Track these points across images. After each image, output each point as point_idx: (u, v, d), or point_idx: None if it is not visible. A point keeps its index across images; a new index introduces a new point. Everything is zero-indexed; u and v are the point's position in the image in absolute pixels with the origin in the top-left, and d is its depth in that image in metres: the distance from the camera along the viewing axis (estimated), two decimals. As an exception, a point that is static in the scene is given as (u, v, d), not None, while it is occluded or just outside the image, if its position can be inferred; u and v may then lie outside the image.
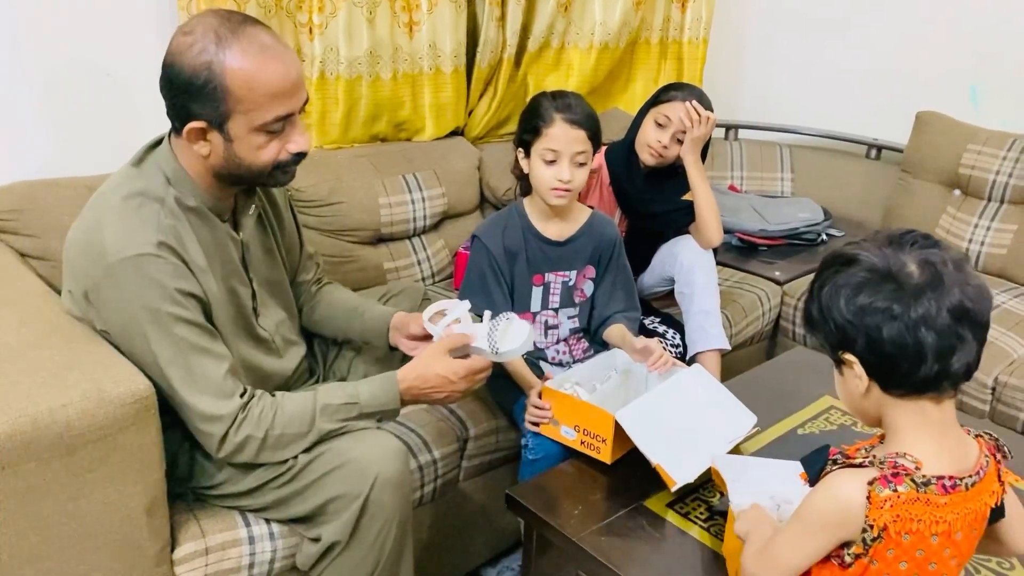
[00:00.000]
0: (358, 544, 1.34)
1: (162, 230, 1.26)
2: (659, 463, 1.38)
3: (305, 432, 1.33)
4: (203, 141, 1.28)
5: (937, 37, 2.86)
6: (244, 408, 1.29)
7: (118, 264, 1.22)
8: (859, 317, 0.91)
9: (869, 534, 0.91)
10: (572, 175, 1.64)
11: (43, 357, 1.25)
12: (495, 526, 1.84)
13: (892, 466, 0.92)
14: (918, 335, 0.89)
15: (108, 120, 1.91)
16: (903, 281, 0.90)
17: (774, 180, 3.08)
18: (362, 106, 2.29)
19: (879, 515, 0.90)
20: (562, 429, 1.53)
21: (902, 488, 0.91)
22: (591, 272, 1.78)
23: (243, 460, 1.32)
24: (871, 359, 0.93)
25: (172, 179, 1.31)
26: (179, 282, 1.25)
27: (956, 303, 0.89)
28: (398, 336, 1.60)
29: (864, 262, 0.93)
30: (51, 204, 1.69)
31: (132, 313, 1.24)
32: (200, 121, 1.25)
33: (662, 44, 2.96)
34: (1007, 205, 2.55)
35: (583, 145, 1.63)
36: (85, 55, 1.88)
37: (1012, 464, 1.00)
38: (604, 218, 1.83)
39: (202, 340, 1.28)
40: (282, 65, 1.25)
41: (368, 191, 2.18)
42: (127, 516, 1.25)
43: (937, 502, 0.91)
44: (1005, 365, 2.09)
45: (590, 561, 1.30)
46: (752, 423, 1.51)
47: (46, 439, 1.14)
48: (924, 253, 0.92)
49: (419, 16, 2.31)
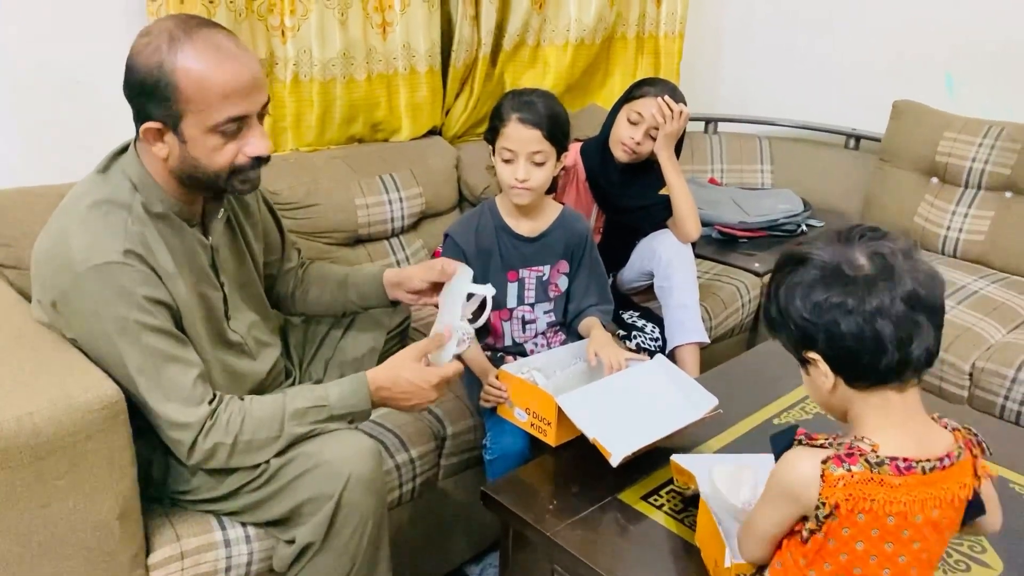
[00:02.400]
0: (333, 544, 1.35)
1: (129, 237, 1.25)
2: (595, 437, 1.39)
3: (275, 436, 1.32)
4: (160, 143, 1.28)
5: (912, 26, 2.88)
6: (212, 415, 1.29)
7: (85, 273, 1.22)
8: (816, 315, 0.93)
9: (822, 511, 0.94)
10: (528, 174, 1.65)
11: (11, 365, 1.25)
12: (477, 524, 1.84)
13: (847, 447, 0.94)
14: (875, 326, 0.90)
15: (78, 127, 1.90)
16: (855, 275, 0.92)
17: (754, 172, 3.09)
18: (337, 108, 2.29)
19: (831, 493, 0.93)
20: (516, 411, 1.57)
21: (855, 468, 0.93)
22: (564, 267, 1.79)
23: (214, 466, 1.32)
24: (833, 355, 0.95)
25: (138, 185, 1.31)
26: (147, 289, 1.25)
27: (909, 291, 0.91)
28: (399, 292, 1.64)
29: (815, 260, 0.95)
30: (22, 212, 1.68)
31: (100, 322, 1.24)
32: (155, 122, 1.25)
33: (638, 39, 2.97)
34: (984, 191, 2.57)
35: (538, 145, 1.64)
36: (54, 62, 1.87)
37: (992, 448, 1.01)
38: (574, 213, 1.84)
39: (171, 347, 1.28)
40: (236, 65, 1.25)
41: (345, 192, 2.18)
42: (99, 522, 1.25)
43: (891, 483, 0.93)
44: (982, 351, 2.11)
45: (565, 556, 1.30)
46: (712, 404, 1.51)
47: (14, 446, 1.14)
48: (873, 245, 0.94)
49: (392, 16, 2.31)
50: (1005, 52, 2.69)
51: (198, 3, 1.94)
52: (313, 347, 1.72)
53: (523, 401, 1.56)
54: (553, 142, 1.65)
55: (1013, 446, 1.58)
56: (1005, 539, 1.30)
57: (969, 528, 1.04)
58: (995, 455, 1.43)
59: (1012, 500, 1.41)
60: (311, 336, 1.74)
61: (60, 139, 1.89)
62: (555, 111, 1.66)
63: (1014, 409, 2.02)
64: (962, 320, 2.21)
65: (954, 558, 1.28)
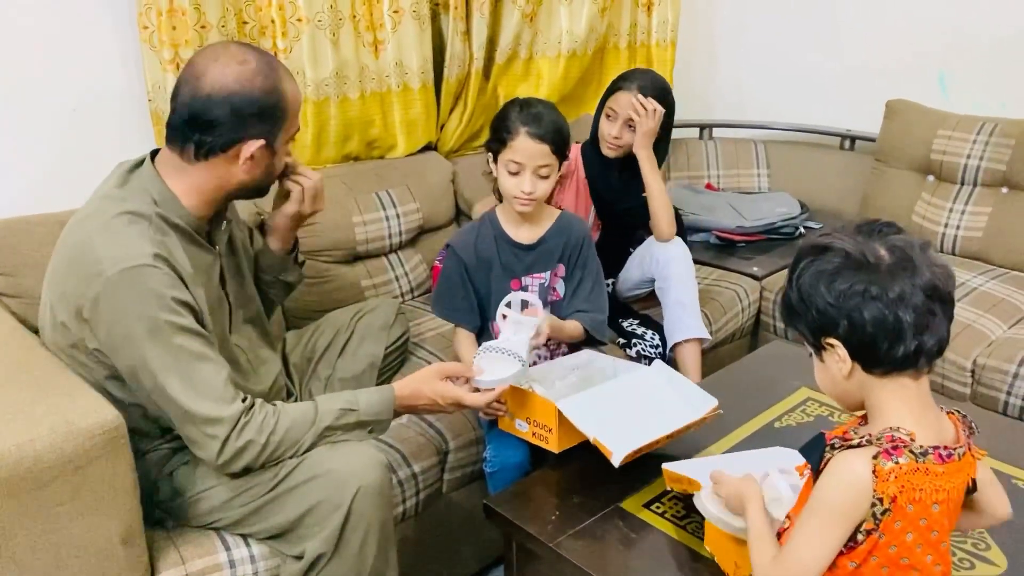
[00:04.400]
0: (343, 555, 1.35)
1: (154, 243, 1.29)
2: (596, 437, 1.40)
3: (303, 439, 1.34)
4: (249, 160, 1.35)
5: (904, 25, 2.88)
6: (248, 411, 1.30)
7: (115, 276, 1.24)
8: (840, 300, 0.95)
9: (879, 507, 0.94)
10: (534, 187, 1.66)
11: (11, 392, 1.26)
12: (482, 537, 1.84)
13: (890, 440, 0.95)
14: (897, 313, 0.93)
15: (75, 156, 1.92)
16: (877, 264, 0.95)
17: (750, 176, 3.09)
18: (332, 127, 2.30)
19: (886, 487, 0.93)
20: (516, 422, 1.57)
21: (903, 460, 0.94)
22: (562, 271, 1.79)
23: (241, 466, 1.32)
24: (853, 341, 0.97)
25: (159, 200, 1.34)
26: (176, 292, 1.28)
27: (927, 281, 0.94)
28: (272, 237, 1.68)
29: (838, 249, 0.97)
30: (23, 241, 1.69)
31: (130, 324, 1.25)
32: (258, 140, 1.35)
33: (631, 48, 2.99)
34: (980, 188, 2.57)
35: (547, 159, 1.65)
36: (50, 93, 1.90)
37: (996, 444, 1.02)
38: (573, 217, 1.84)
39: (201, 347, 1.30)
40: (293, 78, 1.42)
41: (342, 210, 2.20)
42: (103, 547, 1.26)
43: (936, 471, 0.94)
44: (983, 347, 2.10)
45: (569, 566, 1.30)
46: (712, 405, 1.51)
47: (16, 474, 1.15)
48: (892, 239, 0.97)
49: (383, 35, 2.33)
50: (996, 48, 2.70)
51: (190, 29, 1.96)
52: (312, 365, 1.73)
53: (523, 411, 1.55)
54: (559, 155, 1.67)
55: (1016, 442, 1.58)
56: (1009, 536, 1.30)
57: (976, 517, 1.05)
58: (998, 451, 1.44)
59: (1016, 496, 1.40)
60: (309, 353, 1.76)
61: (59, 168, 1.91)
62: (559, 124, 1.68)
63: (1017, 405, 2.01)
64: (963, 317, 2.21)
65: (958, 556, 1.28)
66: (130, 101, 2.00)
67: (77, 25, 1.91)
